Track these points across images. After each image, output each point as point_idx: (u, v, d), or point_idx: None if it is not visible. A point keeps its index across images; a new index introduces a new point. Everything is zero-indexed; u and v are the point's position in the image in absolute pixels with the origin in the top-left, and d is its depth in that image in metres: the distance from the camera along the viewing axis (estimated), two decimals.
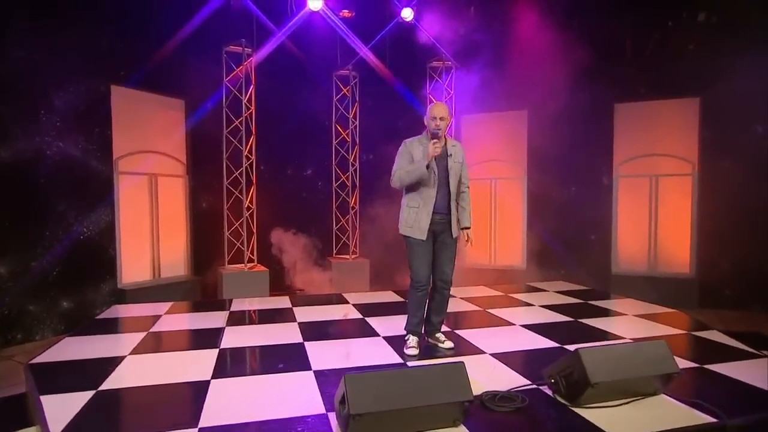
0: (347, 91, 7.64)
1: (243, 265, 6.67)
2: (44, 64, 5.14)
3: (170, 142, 6.56)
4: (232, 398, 2.89)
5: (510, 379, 3.14)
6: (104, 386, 3.06)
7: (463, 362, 2.55)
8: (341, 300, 5.62)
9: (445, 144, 3.53)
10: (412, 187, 3.54)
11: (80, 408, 2.74)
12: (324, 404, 2.78)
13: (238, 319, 4.81)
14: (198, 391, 2.99)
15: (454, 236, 3.60)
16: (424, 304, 3.67)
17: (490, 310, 5.07)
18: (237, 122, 6.63)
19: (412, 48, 7.53)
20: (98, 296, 5.71)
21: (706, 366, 3.42)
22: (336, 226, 7.82)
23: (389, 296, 5.79)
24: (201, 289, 6.80)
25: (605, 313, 5.01)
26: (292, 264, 7.38)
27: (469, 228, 3.68)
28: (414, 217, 3.52)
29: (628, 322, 4.66)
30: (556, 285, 6.49)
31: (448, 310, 3.83)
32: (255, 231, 6.84)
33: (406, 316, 3.73)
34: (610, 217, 7.24)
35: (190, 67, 6.55)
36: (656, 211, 7.04)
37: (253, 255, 6.85)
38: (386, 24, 7.41)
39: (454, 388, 2.43)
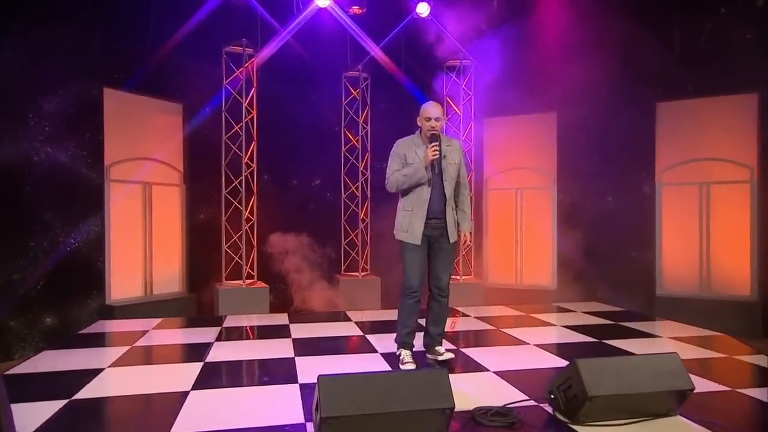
0: (357, 93, 7.92)
1: (241, 281, 6.94)
2: (33, 66, 5.53)
3: (166, 149, 6.94)
4: (209, 408, 3.12)
5: (510, 396, 3.26)
6: (78, 396, 3.31)
7: (446, 369, 2.71)
8: (344, 318, 5.84)
9: (440, 144, 3.74)
10: (407, 190, 3.76)
11: (50, 416, 2.98)
12: (304, 414, 2.99)
13: (229, 334, 5.08)
14: (175, 401, 3.22)
15: (451, 241, 3.78)
16: (416, 313, 3.85)
17: (504, 330, 5.18)
18: (237, 127, 6.97)
19: (427, 46, 7.73)
20: (84, 313, 6.00)
21: (738, 390, 3.46)
22: (345, 240, 8.04)
23: (395, 314, 5.92)
24: (197, 306, 7.09)
25: (636, 334, 5.05)
26: (296, 281, 7.62)
27: (468, 230, 3.88)
28: (408, 222, 3.73)
29: (661, 345, 4.69)
30: (588, 306, 6.54)
31: (457, 329, 3.98)
32: (255, 245, 7.12)
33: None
34: (653, 231, 7.24)
35: (188, 68, 6.96)
36: (708, 223, 7.00)
37: (252, 270, 7.12)
38: (400, 21, 7.64)
39: (435, 395, 2.58)
